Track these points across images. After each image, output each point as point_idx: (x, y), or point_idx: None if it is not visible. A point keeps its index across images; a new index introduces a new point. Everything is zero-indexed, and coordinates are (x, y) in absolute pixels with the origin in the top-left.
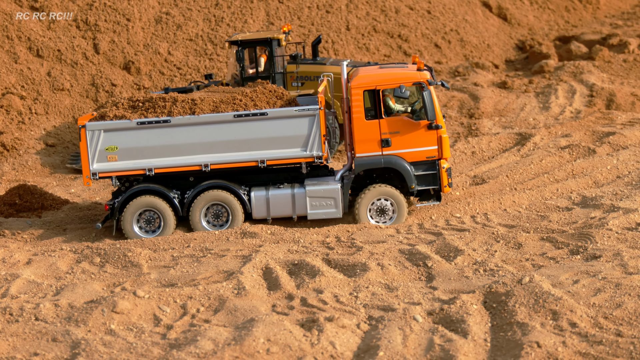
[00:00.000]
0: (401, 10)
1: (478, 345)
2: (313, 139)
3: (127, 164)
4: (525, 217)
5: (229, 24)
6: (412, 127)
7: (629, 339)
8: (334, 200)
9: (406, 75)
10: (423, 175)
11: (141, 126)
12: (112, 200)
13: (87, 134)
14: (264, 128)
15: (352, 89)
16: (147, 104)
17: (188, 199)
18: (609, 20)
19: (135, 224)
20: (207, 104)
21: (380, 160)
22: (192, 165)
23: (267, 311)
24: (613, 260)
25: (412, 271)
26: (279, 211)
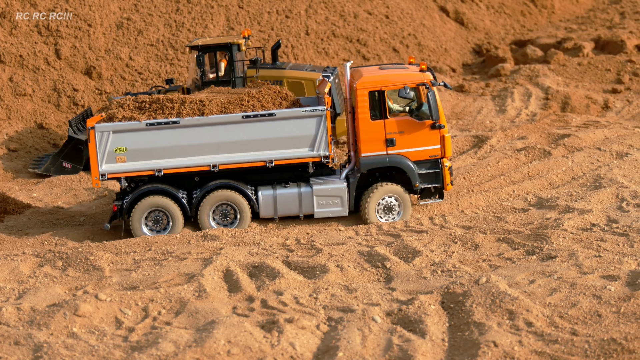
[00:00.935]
0: (360, 15)
1: (436, 345)
2: (320, 139)
3: (136, 164)
4: (482, 219)
5: (190, 29)
6: (416, 127)
7: (584, 337)
8: (340, 198)
9: (410, 76)
10: (426, 174)
11: (150, 127)
12: (120, 201)
13: (96, 135)
14: (272, 128)
15: (357, 89)
16: (154, 105)
17: (196, 198)
18: (563, 24)
19: (143, 223)
20: (215, 105)
21: (386, 159)
22: (201, 165)
23: (227, 313)
24: (568, 260)
25: (371, 272)
26: (286, 210)
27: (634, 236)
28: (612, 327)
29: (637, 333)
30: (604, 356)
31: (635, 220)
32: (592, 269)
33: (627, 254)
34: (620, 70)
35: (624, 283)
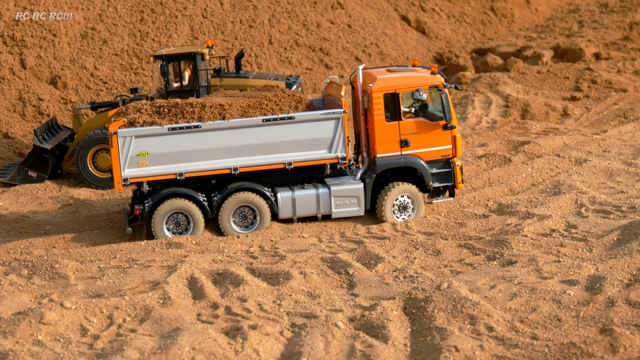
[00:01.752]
0: (322, 24)
1: (398, 350)
2: (337, 141)
3: (158, 169)
4: (443, 225)
5: (154, 38)
6: (429, 128)
7: (544, 341)
8: (357, 199)
9: (423, 78)
10: (438, 173)
11: (172, 132)
12: (140, 205)
13: (118, 140)
14: (291, 131)
15: (372, 92)
16: (173, 110)
17: (217, 201)
18: (523, 33)
19: (164, 226)
20: (235, 109)
21: (400, 159)
22: (222, 168)
23: (192, 320)
24: (528, 265)
25: (334, 279)
26: (304, 211)
27: (593, 241)
28: (572, 331)
29: (596, 337)
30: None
31: (594, 225)
32: (552, 274)
33: (586, 259)
34: (579, 78)
35: (583, 287)
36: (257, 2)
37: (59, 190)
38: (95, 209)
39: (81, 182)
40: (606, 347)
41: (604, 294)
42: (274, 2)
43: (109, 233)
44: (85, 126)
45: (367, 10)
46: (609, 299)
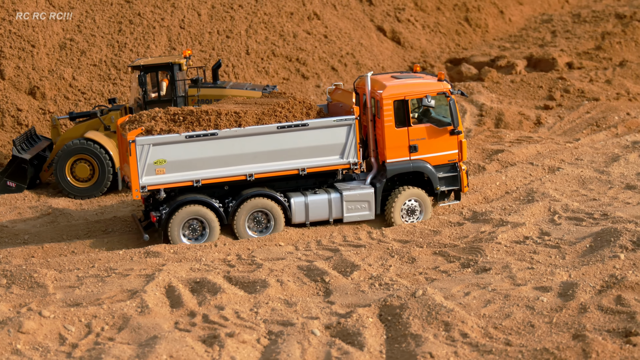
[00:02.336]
0: (299, 34)
1: (374, 357)
2: (349, 147)
3: (175, 176)
4: (418, 232)
5: (132, 49)
6: (437, 134)
7: (518, 347)
8: (368, 203)
9: (432, 85)
10: (445, 177)
11: (189, 139)
12: (157, 212)
13: (136, 148)
14: (305, 138)
15: (383, 99)
16: (189, 118)
17: (233, 207)
18: (497, 43)
19: (181, 232)
20: (251, 117)
21: (410, 164)
22: (238, 175)
23: (169, 328)
24: (502, 272)
25: (310, 287)
26: (317, 215)
27: (566, 248)
28: (545, 337)
29: (568, 342)
30: None
31: (567, 232)
32: (525, 281)
33: (559, 266)
34: (552, 87)
35: (556, 294)
36: (234, 13)
37: (38, 200)
38: (74, 219)
39: (60, 191)
40: (579, 353)
41: (576, 300)
42: (251, 12)
43: (87, 242)
44: (63, 136)
45: (343, 20)
46: (582, 305)
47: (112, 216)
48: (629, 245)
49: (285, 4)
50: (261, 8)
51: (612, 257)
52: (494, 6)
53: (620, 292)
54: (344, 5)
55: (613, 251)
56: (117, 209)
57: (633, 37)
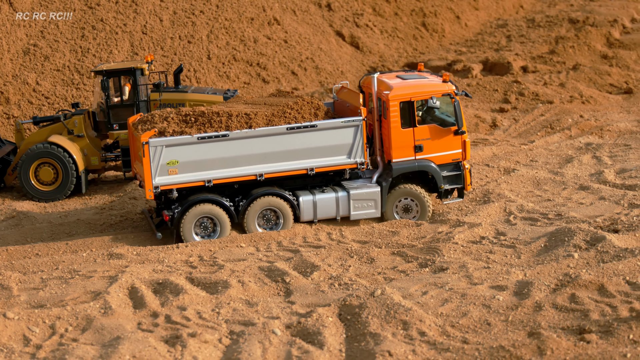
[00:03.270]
0: (259, 39)
1: (333, 356)
2: (357, 147)
3: (188, 176)
4: (377, 233)
5: (95, 54)
6: (441, 134)
7: (474, 345)
8: (375, 201)
9: (437, 86)
10: (449, 176)
11: (201, 141)
12: (170, 211)
13: (150, 149)
14: (313, 138)
15: (389, 100)
16: (200, 119)
17: (243, 206)
18: (454, 47)
19: (193, 230)
20: (261, 118)
21: (415, 164)
22: (248, 175)
23: (132, 329)
24: (459, 272)
25: (271, 287)
26: (324, 214)
27: (521, 248)
28: (501, 334)
29: (524, 340)
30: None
31: (522, 232)
32: (482, 280)
33: (514, 265)
34: (507, 90)
35: (511, 293)
36: (195, 19)
37: (2, 203)
38: (38, 221)
39: (24, 195)
40: (534, 350)
41: (531, 298)
42: (212, 18)
43: (51, 245)
44: (27, 140)
45: (303, 25)
46: (537, 303)
47: (76, 219)
48: (583, 244)
49: (246, 9)
50: (222, 14)
51: (566, 257)
52: (450, 11)
53: (574, 291)
54: (303, 11)
55: (567, 250)
56: (80, 212)
57: (586, 41)
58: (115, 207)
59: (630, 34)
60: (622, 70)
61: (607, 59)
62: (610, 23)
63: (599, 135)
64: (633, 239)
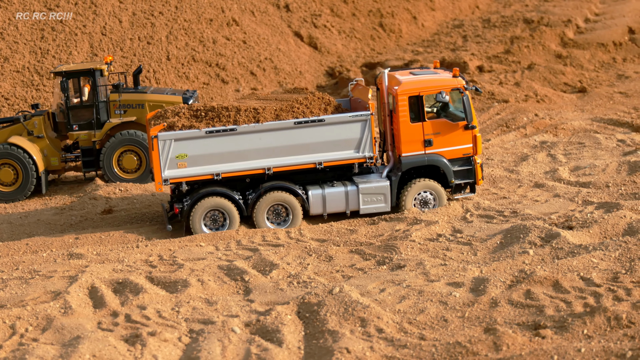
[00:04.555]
0: (218, 40)
1: (292, 353)
2: (365, 141)
3: (196, 170)
4: (335, 232)
5: (55, 55)
6: (451, 128)
7: (431, 341)
8: (384, 196)
9: (446, 81)
10: (460, 171)
11: (209, 135)
12: (180, 203)
13: (159, 143)
14: (321, 133)
15: (398, 95)
16: (210, 114)
17: (252, 199)
18: (411, 47)
19: (202, 222)
20: (269, 112)
21: (424, 158)
22: (256, 169)
23: (92, 328)
24: (416, 269)
25: (230, 285)
26: (333, 208)
27: (477, 245)
28: (458, 331)
29: (480, 336)
30: (450, 359)
31: (478, 230)
32: (439, 277)
33: (471, 262)
34: None
35: (468, 289)
36: (154, 20)
37: None
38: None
39: None
40: (490, 346)
41: (487, 295)
42: (171, 19)
43: (11, 245)
44: None
45: (262, 26)
46: (493, 299)
47: (36, 219)
48: (538, 241)
49: (205, 10)
50: (181, 15)
51: (522, 253)
52: (407, 12)
53: (530, 287)
54: (262, 12)
55: (522, 247)
56: (40, 212)
57: (540, 41)
58: (75, 208)
59: (584, 33)
60: (576, 70)
61: (562, 58)
62: (565, 23)
63: (553, 133)
64: (587, 235)
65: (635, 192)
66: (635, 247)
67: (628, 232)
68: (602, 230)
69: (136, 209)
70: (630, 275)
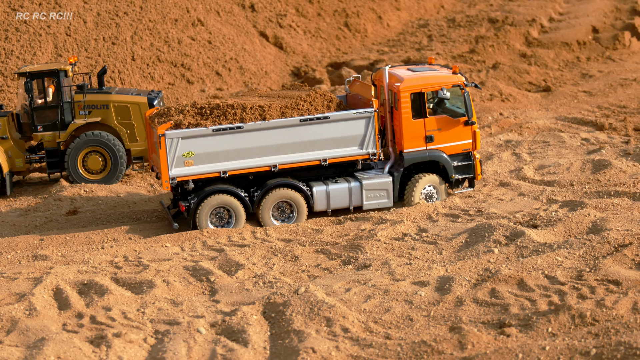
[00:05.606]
0: (183, 40)
1: (258, 354)
2: (369, 138)
3: (203, 167)
4: (301, 232)
5: (19, 56)
6: (452, 124)
7: (397, 341)
8: (387, 191)
9: (447, 78)
10: (460, 166)
11: (216, 133)
12: (186, 201)
13: (166, 141)
14: (326, 130)
15: (400, 92)
16: (215, 112)
17: (258, 197)
18: (376, 47)
19: (209, 220)
20: (274, 110)
21: (426, 154)
22: (262, 166)
23: (57, 330)
24: (382, 268)
25: (196, 286)
26: (337, 204)
27: (442, 244)
28: (423, 330)
29: (445, 335)
30: (416, 357)
31: (444, 229)
32: (404, 276)
33: (436, 261)
34: None
35: (433, 288)
36: (119, 20)
37: None
38: None
39: None
40: (455, 344)
41: (452, 293)
42: (136, 19)
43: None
44: None
45: (227, 26)
46: (458, 298)
47: (1, 221)
48: (503, 240)
49: (170, 10)
50: (146, 15)
51: (487, 252)
52: (372, 12)
53: (495, 285)
54: (227, 12)
55: (487, 246)
56: (5, 214)
57: (505, 40)
58: (40, 209)
59: (549, 33)
60: (540, 69)
61: (526, 57)
62: (529, 22)
63: (518, 132)
64: (551, 233)
65: (599, 191)
66: (599, 245)
67: (592, 230)
68: (567, 229)
69: (101, 210)
70: (594, 273)
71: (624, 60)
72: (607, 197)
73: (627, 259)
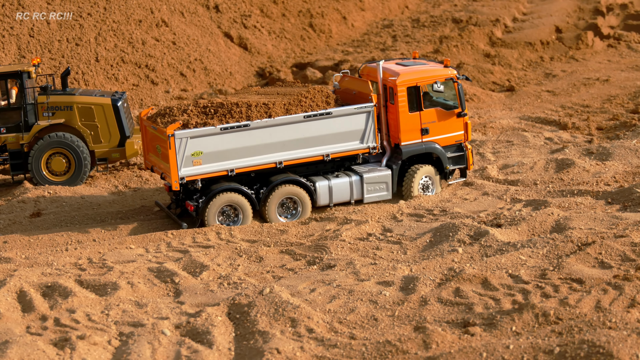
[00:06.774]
0: (148, 41)
1: (223, 355)
2: (369, 132)
3: (211, 166)
4: (266, 232)
5: None
6: (445, 116)
7: (362, 341)
8: (386, 184)
9: (440, 71)
10: (453, 157)
11: (224, 131)
12: (194, 201)
13: (175, 141)
14: (329, 125)
15: (397, 86)
16: (220, 110)
17: (264, 194)
18: (341, 47)
19: (217, 218)
20: (279, 107)
21: (422, 146)
22: (268, 163)
23: (21, 333)
24: (346, 268)
25: (160, 288)
26: (339, 198)
27: (407, 244)
28: (388, 329)
29: (410, 334)
30: (380, 357)
31: (408, 228)
32: (369, 276)
33: (400, 261)
34: None
35: (398, 288)
36: (83, 21)
37: None
38: None
39: None
40: (420, 344)
41: (417, 293)
42: (100, 20)
43: None
44: None
45: (191, 27)
46: (422, 298)
47: None
48: (467, 239)
49: (134, 11)
50: (110, 16)
51: (451, 251)
52: (337, 12)
53: (459, 285)
54: (191, 13)
55: (452, 245)
56: None
57: (469, 40)
58: (3, 211)
59: (512, 32)
60: (504, 69)
61: (490, 57)
62: (493, 22)
63: (482, 132)
64: (515, 232)
65: (562, 190)
66: (563, 244)
67: (555, 229)
68: (530, 228)
69: (65, 211)
70: (557, 272)
71: (587, 60)
72: (570, 196)
73: (590, 258)
